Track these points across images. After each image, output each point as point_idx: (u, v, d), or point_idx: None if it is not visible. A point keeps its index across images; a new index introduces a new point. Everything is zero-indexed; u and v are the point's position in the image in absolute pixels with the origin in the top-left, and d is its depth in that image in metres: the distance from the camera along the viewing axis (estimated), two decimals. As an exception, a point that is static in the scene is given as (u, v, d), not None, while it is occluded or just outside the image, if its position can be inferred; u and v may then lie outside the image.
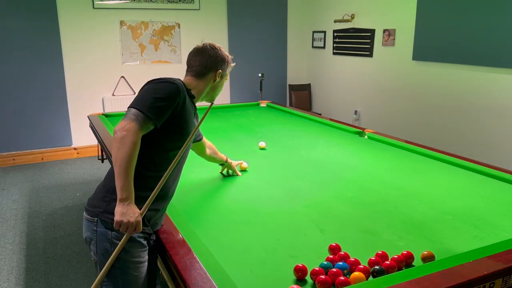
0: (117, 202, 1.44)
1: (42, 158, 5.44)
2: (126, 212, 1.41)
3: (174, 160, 1.52)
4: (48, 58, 5.23)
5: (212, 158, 2.33)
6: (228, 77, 1.89)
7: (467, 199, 2.09)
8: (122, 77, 5.68)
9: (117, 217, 1.41)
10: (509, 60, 3.72)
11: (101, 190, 1.62)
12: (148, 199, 1.48)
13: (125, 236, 1.45)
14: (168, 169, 1.51)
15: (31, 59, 5.15)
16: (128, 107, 1.53)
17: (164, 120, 1.56)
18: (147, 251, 1.62)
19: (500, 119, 3.92)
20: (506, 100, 3.84)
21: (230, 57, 1.86)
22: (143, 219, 1.55)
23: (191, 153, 2.15)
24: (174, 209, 1.88)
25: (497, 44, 3.80)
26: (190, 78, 1.77)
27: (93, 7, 5.35)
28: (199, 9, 5.89)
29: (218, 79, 1.80)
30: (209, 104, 1.84)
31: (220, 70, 1.80)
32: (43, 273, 2.93)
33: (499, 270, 1.33)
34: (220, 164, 2.42)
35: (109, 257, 1.53)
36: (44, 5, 5.09)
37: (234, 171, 2.44)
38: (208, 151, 2.27)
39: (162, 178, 1.50)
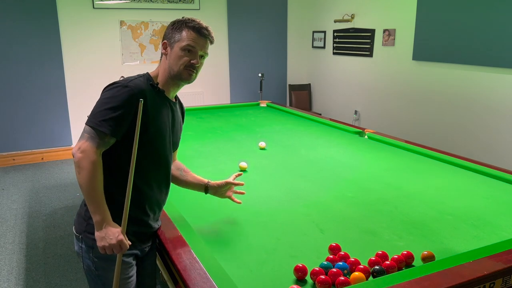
0: (95, 227, 1.40)
1: (42, 158, 5.44)
2: (105, 235, 1.37)
3: (131, 162, 1.36)
4: (48, 58, 5.23)
5: (181, 181, 1.83)
6: (187, 40, 1.49)
7: (467, 199, 2.09)
8: (122, 77, 5.64)
9: (98, 244, 1.38)
10: (509, 60, 3.72)
11: (82, 207, 1.56)
12: (124, 216, 1.37)
13: (117, 257, 1.40)
14: (130, 175, 1.35)
15: (31, 59, 5.14)
16: (85, 123, 1.43)
17: (127, 129, 1.43)
18: (132, 267, 1.58)
19: (500, 119, 3.92)
20: (506, 100, 3.84)
21: (182, 18, 1.53)
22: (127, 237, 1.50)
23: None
24: (174, 209, 1.88)
25: (497, 44, 3.80)
26: (155, 69, 1.59)
27: (93, 7, 5.35)
28: (199, 9, 5.89)
29: (166, 51, 1.54)
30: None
31: (165, 41, 1.54)
32: (43, 273, 2.93)
33: (499, 270, 1.33)
34: (204, 191, 1.84)
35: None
36: (44, 5, 5.09)
37: (227, 196, 1.86)
38: (174, 170, 1.81)
39: (128, 186, 1.35)
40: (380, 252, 1.51)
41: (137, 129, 1.35)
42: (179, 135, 1.71)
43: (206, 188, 1.82)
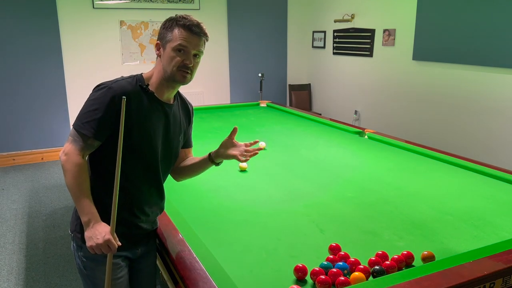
0: (84, 227, 1.38)
1: (42, 158, 5.43)
2: (93, 235, 1.34)
3: (117, 164, 1.32)
4: (48, 58, 5.22)
5: (190, 168, 1.71)
6: (178, 39, 1.42)
7: (467, 199, 2.09)
8: (122, 77, 5.67)
9: (87, 244, 1.36)
10: (509, 60, 3.72)
11: (75, 207, 1.51)
12: (112, 216, 1.33)
13: (108, 257, 1.36)
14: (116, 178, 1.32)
15: (31, 59, 5.14)
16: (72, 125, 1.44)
17: (110, 131, 1.40)
18: (121, 268, 1.55)
19: (500, 119, 3.92)
20: (506, 100, 3.84)
21: (174, 16, 1.47)
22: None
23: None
24: (174, 209, 1.88)
25: (497, 44, 3.80)
26: (150, 70, 1.53)
27: (93, 7, 5.35)
28: (199, 9, 5.89)
29: (160, 52, 1.49)
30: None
31: (158, 42, 1.49)
32: (43, 273, 2.93)
33: (499, 270, 1.33)
34: (213, 163, 1.68)
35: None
36: (44, 5, 5.09)
37: (232, 155, 1.67)
38: (186, 162, 1.73)
39: (114, 189, 1.32)
40: (380, 252, 1.51)
41: (121, 127, 1.31)
42: (179, 137, 1.63)
43: (211, 158, 1.65)
